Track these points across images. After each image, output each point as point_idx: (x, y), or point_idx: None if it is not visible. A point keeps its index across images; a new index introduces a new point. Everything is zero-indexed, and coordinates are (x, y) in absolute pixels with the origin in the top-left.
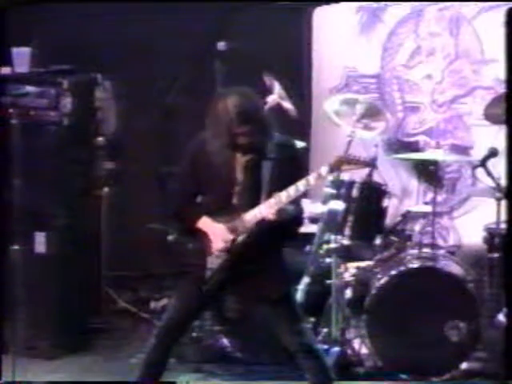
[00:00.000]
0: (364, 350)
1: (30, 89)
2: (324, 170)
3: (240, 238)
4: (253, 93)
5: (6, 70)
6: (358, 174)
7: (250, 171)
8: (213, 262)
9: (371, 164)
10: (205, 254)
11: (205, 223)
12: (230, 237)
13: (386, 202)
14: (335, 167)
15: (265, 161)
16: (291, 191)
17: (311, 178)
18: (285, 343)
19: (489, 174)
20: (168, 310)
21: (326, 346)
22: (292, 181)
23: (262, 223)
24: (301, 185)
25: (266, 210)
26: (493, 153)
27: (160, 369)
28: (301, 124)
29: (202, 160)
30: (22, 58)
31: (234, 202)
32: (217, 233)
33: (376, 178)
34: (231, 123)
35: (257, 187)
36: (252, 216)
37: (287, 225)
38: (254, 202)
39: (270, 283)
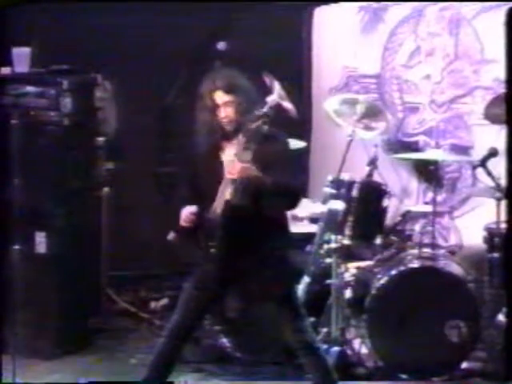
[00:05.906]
0: (364, 350)
1: (30, 89)
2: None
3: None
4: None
5: (5, 70)
6: (359, 174)
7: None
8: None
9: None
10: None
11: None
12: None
13: (385, 202)
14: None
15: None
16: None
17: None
18: (287, 341)
19: (489, 173)
20: (177, 310)
21: (325, 346)
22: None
23: (235, 201)
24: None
25: (230, 185)
26: (493, 153)
27: (168, 370)
28: (301, 124)
29: (200, 160)
30: (21, 58)
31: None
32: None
33: (376, 177)
34: (216, 95)
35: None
36: (218, 199)
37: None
38: None
39: (273, 280)
